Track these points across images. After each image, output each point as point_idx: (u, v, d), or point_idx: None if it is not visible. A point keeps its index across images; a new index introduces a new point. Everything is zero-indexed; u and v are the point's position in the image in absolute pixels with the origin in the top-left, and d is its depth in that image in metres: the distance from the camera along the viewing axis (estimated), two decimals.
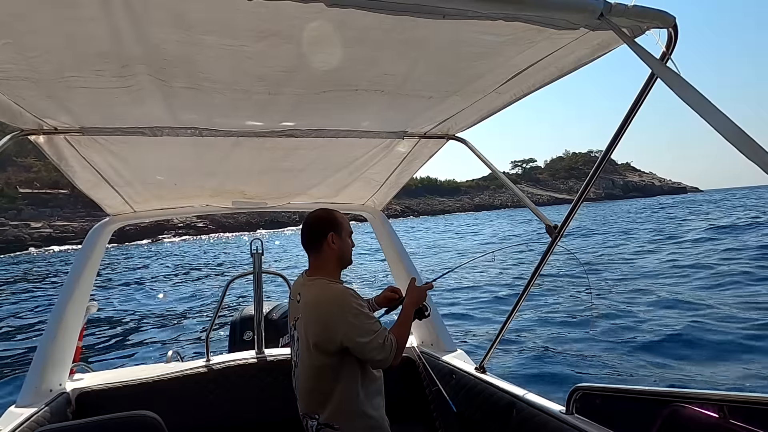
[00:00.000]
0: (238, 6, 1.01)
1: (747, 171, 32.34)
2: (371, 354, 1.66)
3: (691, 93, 0.92)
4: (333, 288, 1.75)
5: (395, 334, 1.74)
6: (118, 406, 2.36)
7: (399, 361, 1.73)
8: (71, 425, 1.57)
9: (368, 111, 1.86)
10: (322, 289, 1.76)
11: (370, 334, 1.66)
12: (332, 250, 1.82)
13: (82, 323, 2.55)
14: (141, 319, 10.81)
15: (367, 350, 1.66)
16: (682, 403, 1.43)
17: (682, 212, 38.74)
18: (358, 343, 1.64)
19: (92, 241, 2.53)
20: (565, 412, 1.79)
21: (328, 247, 1.81)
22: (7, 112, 1.57)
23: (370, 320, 1.70)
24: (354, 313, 1.66)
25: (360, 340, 1.64)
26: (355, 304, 1.68)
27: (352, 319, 1.65)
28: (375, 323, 1.71)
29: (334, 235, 1.81)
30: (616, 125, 1.52)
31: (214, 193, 2.73)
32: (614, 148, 1.62)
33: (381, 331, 1.70)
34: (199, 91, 1.50)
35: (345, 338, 1.64)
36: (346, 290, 1.74)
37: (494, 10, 1.03)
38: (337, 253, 1.83)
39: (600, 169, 1.74)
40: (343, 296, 1.70)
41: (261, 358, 2.78)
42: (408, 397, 2.77)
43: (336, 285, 1.77)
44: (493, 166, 2.29)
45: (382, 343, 1.67)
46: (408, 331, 1.85)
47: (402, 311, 1.91)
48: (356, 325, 1.65)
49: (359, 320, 1.66)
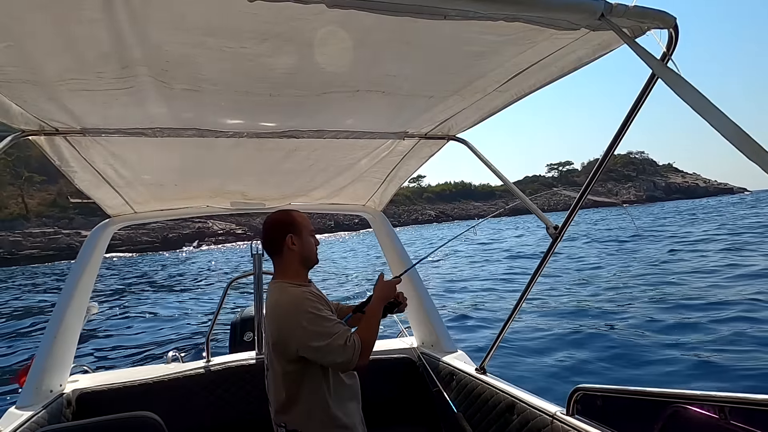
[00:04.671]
0: (239, 7, 1.01)
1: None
2: (330, 357, 1.60)
3: (692, 93, 0.92)
4: (290, 291, 1.70)
5: (360, 334, 1.66)
6: (118, 406, 2.36)
7: (366, 361, 1.64)
8: (71, 426, 1.57)
9: (369, 112, 1.86)
10: (280, 292, 1.72)
11: (327, 337, 1.58)
12: (293, 252, 1.77)
13: (82, 324, 2.55)
14: (142, 319, 10.82)
15: (324, 354, 1.59)
16: (682, 404, 1.43)
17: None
18: (314, 347, 1.58)
19: (92, 242, 2.53)
20: (566, 413, 1.79)
21: (288, 249, 1.77)
22: (9, 113, 1.58)
23: (327, 323, 1.62)
24: (309, 317, 1.60)
25: (315, 344, 1.58)
26: (310, 308, 1.62)
27: (306, 324, 1.59)
28: (334, 325, 1.63)
29: (293, 237, 1.77)
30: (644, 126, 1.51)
31: (215, 194, 2.73)
32: (615, 147, 1.62)
33: (342, 332, 1.61)
34: (200, 93, 1.50)
35: (299, 345, 1.59)
36: (302, 293, 1.68)
37: (495, 10, 1.03)
38: (299, 254, 1.79)
39: (602, 168, 1.73)
40: (298, 300, 1.65)
41: (261, 358, 2.77)
42: (408, 398, 2.77)
43: (293, 288, 1.72)
44: (493, 167, 2.29)
45: (343, 344, 1.58)
46: (376, 328, 1.75)
47: (368, 307, 1.83)
48: (310, 330, 1.59)
49: (314, 324, 1.60)
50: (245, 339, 3.27)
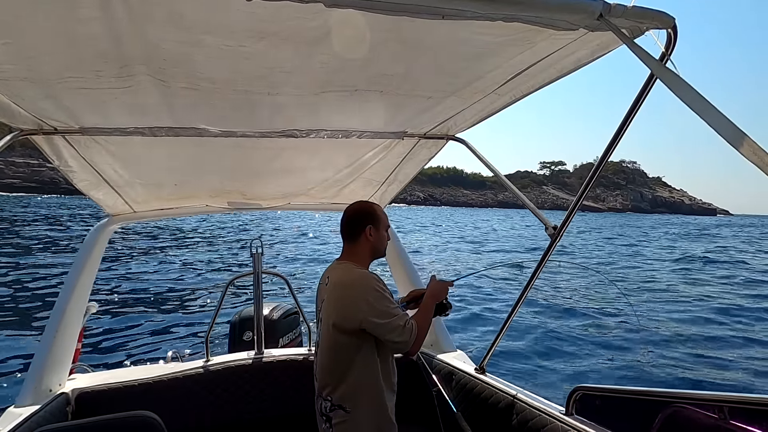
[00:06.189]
0: (237, 6, 1.00)
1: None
2: (390, 335, 1.68)
3: (691, 94, 0.91)
4: (357, 271, 1.79)
5: (416, 321, 1.78)
6: (118, 406, 2.36)
7: (418, 349, 1.75)
8: (70, 425, 1.57)
9: (367, 111, 1.86)
10: (346, 271, 1.80)
11: (389, 316, 1.68)
12: (368, 242, 1.87)
13: (81, 323, 2.55)
14: (141, 319, 10.80)
15: (385, 331, 1.67)
16: (681, 404, 1.43)
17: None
18: (377, 323, 1.66)
19: (92, 241, 2.53)
20: (565, 412, 1.79)
21: (364, 238, 1.86)
22: (7, 112, 1.57)
23: (390, 304, 1.72)
24: (375, 295, 1.69)
25: (378, 320, 1.67)
26: (377, 287, 1.71)
27: (372, 300, 1.68)
28: (395, 308, 1.73)
29: (371, 228, 1.87)
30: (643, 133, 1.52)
31: (214, 194, 2.73)
32: (613, 150, 1.62)
33: (401, 315, 1.72)
34: (198, 91, 1.50)
35: (364, 319, 1.67)
36: (370, 274, 1.78)
37: (493, 10, 1.03)
38: (373, 245, 1.88)
39: (601, 168, 1.74)
40: (365, 278, 1.74)
41: (260, 358, 2.77)
42: (408, 398, 2.77)
43: (361, 269, 1.81)
44: (493, 167, 2.29)
45: (402, 325, 1.69)
46: (428, 322, 1.87)
47: (422, 302, 1.94)
48: (376, 306, 1.68)
49: (379, 302, 1.69)
50: (244, 338, 3.26)
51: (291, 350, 2.95)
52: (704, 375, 5.67)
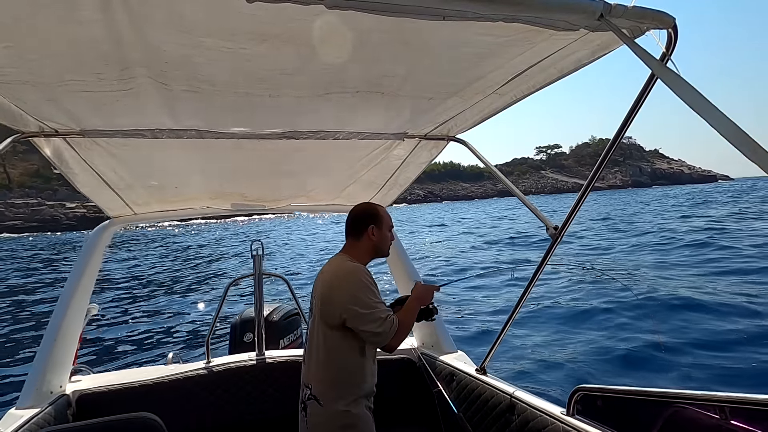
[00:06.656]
0: (238, 8, 1.00)
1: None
2: (370, 326, 1.70)
3: (691, 93, 0.92)
4: (350, 264, 1.82)
5: (399, 317, 1.80)
6: (119, 408, 2.36)
7: (397, 345, 1.77)
8: (71, 427, 1.57)
9: (368, 113, 1.86)
10: (340, 263, 1.85)
11: (371, 307, 1.71)
12: (370, 241, 1.92)
13: (82, 325, 2.55)
14: (142, 320, 10.80)
15: (366, 321, 1.70)
16: (682, 404, 1.43)
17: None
18: (357, 312, 1.69)
19: (93, 243, 2.53)
20: (566, 413, 1.79)
21: (367, 237, 1.92)
22: (8, 115, 1.58)
23: (375, 297, 1.75)
24: (359, 286, 1.73)
25: (360, 310, 1.70)
26: (364, 280, 1.74)
27: (355, 292, 1.72)
28: (379, 302, 1.76)
29: (374, 228, 1.92)
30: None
31: (215, 196, 2.73)
32: (616, 146, 1.63)
33: (384, 309, 1.75)
34: (199, 94, 1.50)
35: (343, 309, 1.70)
36: (362, 267, 1.81)
37: (494, 11, 1.03)
38: (374, 244, 1.93)
39: (601, 168, 1.73)
40: (356, 270, 1.78)
41: (261, 359, 2.77)
42: (409, 399, 2.77)
43: (353, 262, 1.84)
44: (492, 167, 2.29)
45: (383, 318, 1.71)
46: (411, 321, 1.90)
47: (406, 303, 1.97)
48: (359, 296, 1.71)
49: (363, 293, 1.72)
50: (245, 340, 3.26)
51: (292, 351, 2.95)
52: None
